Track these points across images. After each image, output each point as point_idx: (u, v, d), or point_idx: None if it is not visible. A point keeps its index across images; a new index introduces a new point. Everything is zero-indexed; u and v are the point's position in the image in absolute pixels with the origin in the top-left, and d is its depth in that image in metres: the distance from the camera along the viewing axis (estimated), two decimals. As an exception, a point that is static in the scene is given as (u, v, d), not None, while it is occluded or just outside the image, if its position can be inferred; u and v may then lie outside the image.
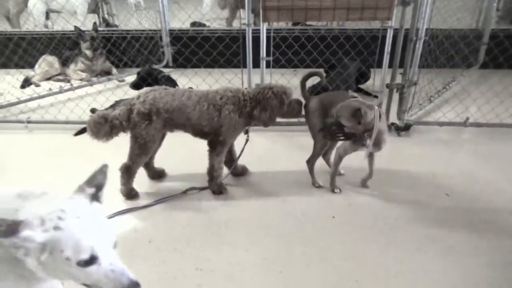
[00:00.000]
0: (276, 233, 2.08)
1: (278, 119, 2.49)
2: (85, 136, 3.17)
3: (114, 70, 5.03)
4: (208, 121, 2.32)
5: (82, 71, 4.89)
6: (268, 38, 3.06)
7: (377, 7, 2.80)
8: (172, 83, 3.77)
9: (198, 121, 2.31)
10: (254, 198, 2.40)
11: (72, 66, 4.95)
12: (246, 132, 2.53)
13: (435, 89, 3.72)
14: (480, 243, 1.99)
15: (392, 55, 3.08)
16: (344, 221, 2.18)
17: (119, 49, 5.08)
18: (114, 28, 5.68)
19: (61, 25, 5.95)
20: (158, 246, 1.98)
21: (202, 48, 3.86)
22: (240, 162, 2.63)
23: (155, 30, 4.92)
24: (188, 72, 4.17)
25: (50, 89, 3.71)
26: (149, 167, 2.63)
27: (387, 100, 3.22)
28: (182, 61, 4.09)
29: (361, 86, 3.97)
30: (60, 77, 4.92)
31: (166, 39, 4.96)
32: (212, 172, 2.44)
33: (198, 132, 2.40)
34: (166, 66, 5.04)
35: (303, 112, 2.48)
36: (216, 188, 2.47)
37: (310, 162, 2.51)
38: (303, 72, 2.63)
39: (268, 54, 3.12)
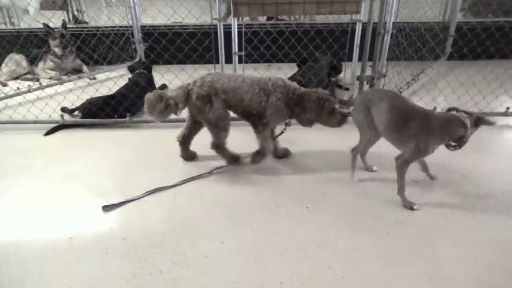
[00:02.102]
0: (251, 225, 2.10)
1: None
2: (56, 136, 3.14)
3: (85, 68, 4.93)
4: (257, 104, 2.49)
5: (52, 69, 4.76)
6: (239, 33, 3.07)
7: (346, 1, 2.86)
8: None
9: (249, 103, 2.49)
10: (229, 192, 2.42)
11: (41, 64, 4.82)
12: (286, 124, 2.69)
13: (404, 80, 3.83)
14: (448, 225, 2.08)
15: (362, 48, 3.16)
16: (318, 210, 2.23)
17: (90, 47, 4.97)
18: (84, 25, 5.55)
19: (27, 22, 5.77)
20: (134, 242, 1.97)
21: (174, 44, 3.83)
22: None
23: (126, 27, 4.83)
24: (160, 68, 4.15)
25: (18, 88, 3.60)
26: (185, 146, 2.77)
27: (357, 92, 3.29)
28: (154, 58, 4.04)
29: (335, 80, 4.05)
30: (29, 76, 4.79)
31: (138, 36, 4.88)
32: (261, 149, 2.62)
33: (246, 113, 2.56)
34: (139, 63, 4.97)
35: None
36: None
37: (355, 151, 2.53)
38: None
39: (240, 49, 3.13)
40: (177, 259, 1.86)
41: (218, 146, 2.63)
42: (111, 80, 3.94)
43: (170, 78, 3.87)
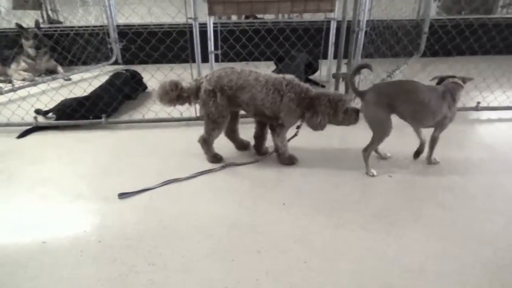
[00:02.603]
0: (227, 224, 2.11)
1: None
2: (29, 139, 3.07)
3: (60, 69, 4.83)
4: (271, 105, 2.46)
5: (25, 70, 4.65)
6: (215, 32, 3.07)
7: (320, 0, 2.89)
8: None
9: (261, 102, 2.47)
10: (205, 192, 2.41)
11: (13, 65, 4.70)
12: (298, 127, 2.65)
13: (379, 77, 3.89)
14: (420, 218, 2.13)
15: (337, 46, 3.20)
16: (294, 207, 2.25)
17: (64, 47, 4.88)
18: (58, 25, 5.44)
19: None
20: (109, 244, 1.96)
21: (149, 43, 3.79)
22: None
23: (101, 26, 4.76)
24: (136, 68, 4.11)
25: (-11, 90, 3.53)
26: (233, 139, 2.83)
27: (333, 89, 3.34)
28: (130, 57, 3.99)
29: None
30: (1, 78, 4.66)
31: (113, 35, 4.83)
32: (278, 150, 2.63)
33: (258, 113, 2.55)
34: (115, 63, 4.91)
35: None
36: (286, 161, 2.67)
37: (367, 151, 2.54)
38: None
39: (216, 48, 3.13)
40: (154, 260, 1.85)
41: (206, 141, 2.64)
42: (86, 81, 3.88)
43: (146, 78, 3.84)
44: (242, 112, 2.72)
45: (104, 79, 3.84)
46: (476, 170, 2.59)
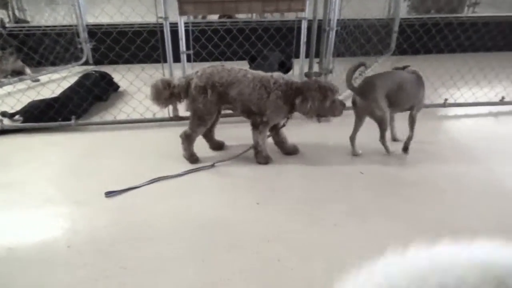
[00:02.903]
0: (201, 224, 2.10)
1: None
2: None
3: (28, 70, 4.67)
4: (257, 101, 2.48)
5: (-10, 71, 4.48)
6: (187, 31, 3.04)
7: (291, -1, 2.91)
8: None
9: (248, 98, 2.49)
10: (176, 194, 2.39)
11: (-23, 67, 4.51)
12: (288, 118, 2.66)
13: (351, 76, 3.96)
14: (391, 213, 2.18)
15: (309, 45, 3.23)
16: (268, 206, 2.27)
17: (31, 47, 4.72)
18: (25, 25, 5.26)
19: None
20: (78, 249, 1.91)
21: (119, 43, 3.72)
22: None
23: (70, 26, 4.64)
24: (106, 68, 4.03)
25: (-50, 93, 3.38)
26: (209, 138, 2.81)
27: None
28: (100, 58, 3.91)
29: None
30: (-36, 80, 4.47)
31: (83, 35, 4.71)
32: (257, 147, 2.63)
33: (245, 110, 2.56)
34: (86, 63, 4.79)
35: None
36: (262, 160, 2.66)
37: (384, 138, 2.70)
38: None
39: (188, 48, 3.10)
40: (125, 263, 1.82)
41: (188, 137, 2.63)
42: (55, 82, 3.78)
43: (117, 78, 3.77)
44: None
45: (73, 80, 3.74)
46: (444, 165, 2.67)
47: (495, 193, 2.37)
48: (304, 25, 3.10)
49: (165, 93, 2.50)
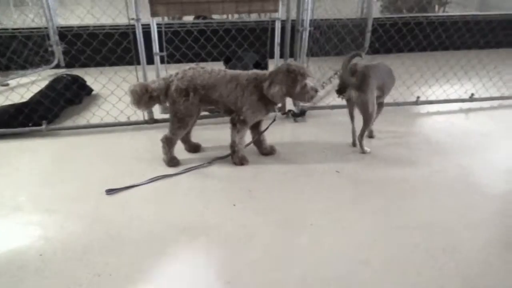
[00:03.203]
0: (178, 229, 2.08)
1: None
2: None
3: (-4, 74, 4.52)
4: (235, 100, 2.48)
5: (-45, 76, 4.31)
6: (160, 33, 3.01)
7: (264, 0, 2.91)
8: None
9: (228, 99, 2.49)
10: (152, 198, 2.36)
11: None
12: (275, 112, 2.63)
13: (325, 76, 4.01)
14: (365, 211, 2.22)
15: (283, 45, 3.24)
16: (245, 207, 2.26)
17: (0, 51, 4.56)
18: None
19: None
20: (50, 258, 1.86)
21: (91, 45, 3.64)
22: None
23: (40, 28, 4.51)
24: (78, 71, 3.95)
25: None
26: (185, 140, 2.79)
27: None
28: (71, 60, 3.82)
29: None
30: None
31: (54, 37, 4.59)
32: (233, 147, 2.61)
33: (227, 110, 2.56)
34: (57, 66, 4.68)
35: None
36: (237, 160, 2.65)
37: (363, 135, 2.76)
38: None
39: (161, 50, 3.07)
40: (100, 270, 1.79)
41: (169, 140, 2.59)
42: (25, 86, 3.67)
43: (89, 81, 3.69)
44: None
45: (44, 84, 3.65)
46: (417, 162, 2.73)
47: (462, 188, 2.44)
48: (277, 26, 3.11)
49: (145, 98, 2.47)
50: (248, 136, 2.70)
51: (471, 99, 3.71)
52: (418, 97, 3.64)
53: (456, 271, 1.79)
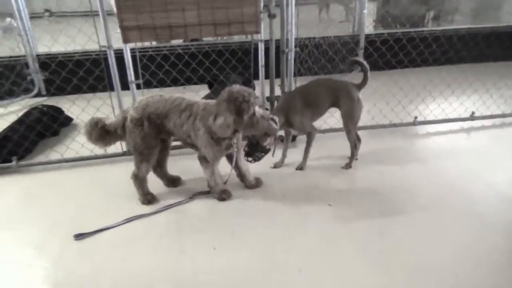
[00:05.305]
0: (146, 281, 1.83)
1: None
2: None
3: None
4: (188, 132, 2.17)
5: None
6: (134, 57, 2.82)
7: (244, 21, 2.73)
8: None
9: (182, 130, 2.17)
10: (126, 242, 2.12)
11: None
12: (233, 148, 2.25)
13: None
14: (362, 253, 1.97)
15: (267, 66, 3.04)
16: (227, 250, 2.02)
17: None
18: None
19: None
20: None
21: (61, 74, 3.45)
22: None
23: (18, 57, 4.34)
24: (53, 100, 3.75)
25: None
26: (161, 174, 2.55)
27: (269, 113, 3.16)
28: (52, 89, 3.62)
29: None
30: None
31: (34, 65, 4.41)
32: (209, 184, 2.40)
33: (186, 143, 2.27)
34: (38, 94, 4.49)
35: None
36: (217, 196, 2.41)
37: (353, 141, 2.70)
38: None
39: (137, 75, 2.87)
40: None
41: (137, 177, 2.37)
42: (1, 117, 3.46)
43: (69, 111, 3.49)
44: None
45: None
46: (418, 193, 2.48)
47: (462, 215, 2.21)
48: (261, 47, 2.92)
49: (94, 133, 2.28)
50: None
51: (472, 117, 3.49)
52: (415, 117, 3.42)
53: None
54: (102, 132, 2.30)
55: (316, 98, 2.59)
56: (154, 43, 4.45)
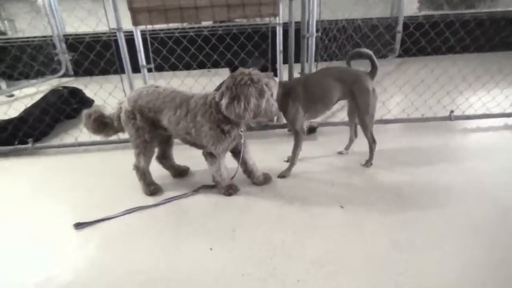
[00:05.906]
0: (140, 280, 1.74)
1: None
2: None
3: (3, 84, 4.44)
4: (187, 130, 2.06)
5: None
6: (145, 40, 2.70)
7: (261, 3, 2.52)
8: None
9: (178, 127, 2.09)
10: (124, 237, 2.05)
11: None
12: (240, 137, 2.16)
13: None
14: (371, 262, 1.77)
15: (286, 51, 2.82)
16: (224, 252, 1.89)
17: (6, 60, 4.48)
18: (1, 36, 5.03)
19: None
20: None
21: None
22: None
23: (45, 36, 4.38)
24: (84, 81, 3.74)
25: None
26: (167, 166, 2.50)
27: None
28: (77, 69, 3.61)
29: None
30: None
31: (61, 46, 4.45)
32: (214, 179, 2.29)
33: (187, 141, 2.18)
34: (65, 75, 4.53)
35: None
36: (223, 191, 2.30)
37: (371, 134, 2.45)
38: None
39: (148, 59, 2.75)
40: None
41: (138, 169, 2.31)
42: (31, 96, 3.49)
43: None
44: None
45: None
46: (445, 197, 2.21)
47: (499, 230, 1.92)
48: (279, 31, 2.70)
49: (89, 125, 2.21)
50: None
51: (518, 113, 3.10)
52: (451, 111, 3.08)
53: None
54: (99, 124, 2.23)
55: (323, 91, 2.31)
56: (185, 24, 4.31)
